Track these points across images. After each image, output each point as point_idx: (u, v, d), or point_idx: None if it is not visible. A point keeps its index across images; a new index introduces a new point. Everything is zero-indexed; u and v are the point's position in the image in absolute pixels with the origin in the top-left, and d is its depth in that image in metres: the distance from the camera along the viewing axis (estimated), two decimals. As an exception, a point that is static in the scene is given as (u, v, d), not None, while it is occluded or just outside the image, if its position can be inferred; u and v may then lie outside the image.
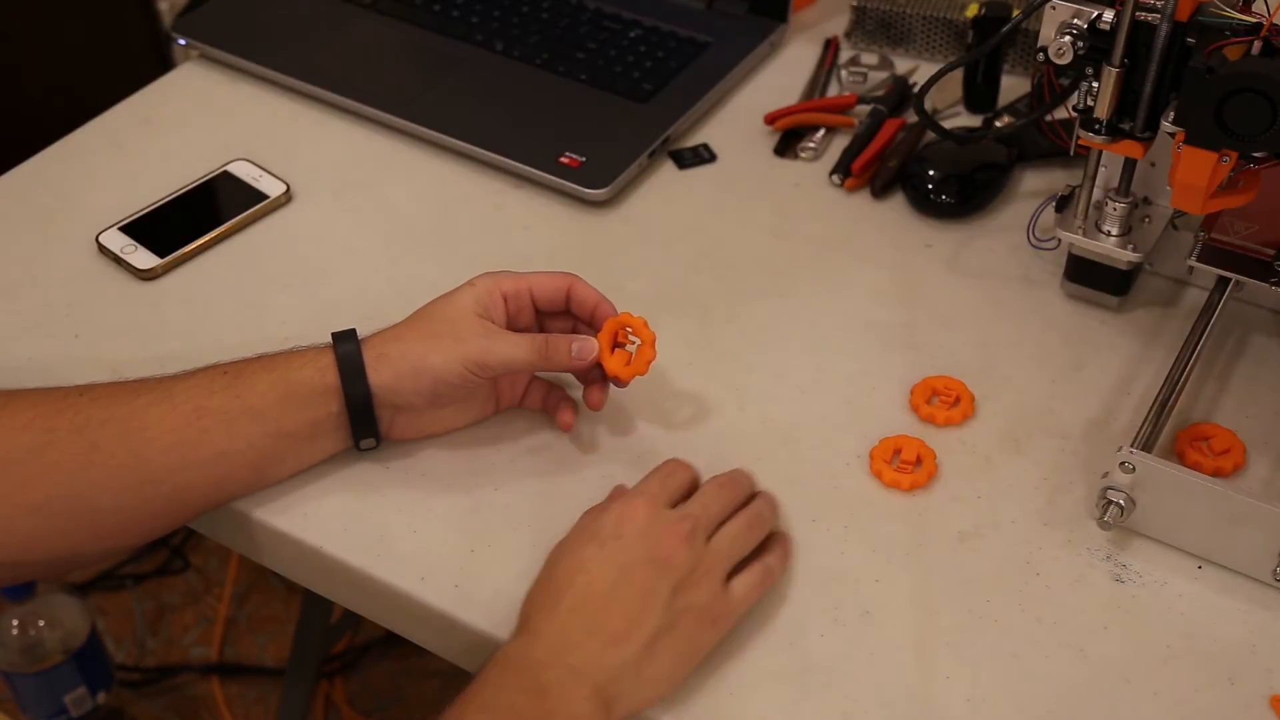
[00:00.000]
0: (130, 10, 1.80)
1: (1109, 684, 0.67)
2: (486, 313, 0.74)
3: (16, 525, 0.67)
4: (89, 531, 0.69)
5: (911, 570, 0.72)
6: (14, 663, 1.39)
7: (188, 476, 0.70)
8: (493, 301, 0.74)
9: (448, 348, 0.72)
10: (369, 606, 0.75)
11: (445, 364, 0.72)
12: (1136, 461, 0.70)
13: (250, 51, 1.07)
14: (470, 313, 0.73)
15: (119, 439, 0.68)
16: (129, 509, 0.69)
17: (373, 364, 0.72)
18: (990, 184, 0.94)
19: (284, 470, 0.74)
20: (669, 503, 0.70)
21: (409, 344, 0.73)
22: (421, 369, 0.72)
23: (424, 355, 0.72)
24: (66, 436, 0.68)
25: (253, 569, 1.64)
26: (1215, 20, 0.70)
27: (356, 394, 0.72)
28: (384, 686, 1.55)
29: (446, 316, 0.73)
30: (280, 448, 0.72)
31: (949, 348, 0.84)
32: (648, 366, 0.75)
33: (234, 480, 0.72)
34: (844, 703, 0.66)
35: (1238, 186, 0.74)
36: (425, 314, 0.74)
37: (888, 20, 1.09)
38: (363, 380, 0.71)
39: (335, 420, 0.73)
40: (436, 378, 0.72)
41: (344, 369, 0.71)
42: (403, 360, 0.72)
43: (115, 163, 0.99)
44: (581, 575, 0.66)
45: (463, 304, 0.74)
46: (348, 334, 0.73)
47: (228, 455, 0.71)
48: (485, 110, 1.01)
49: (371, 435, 0.74)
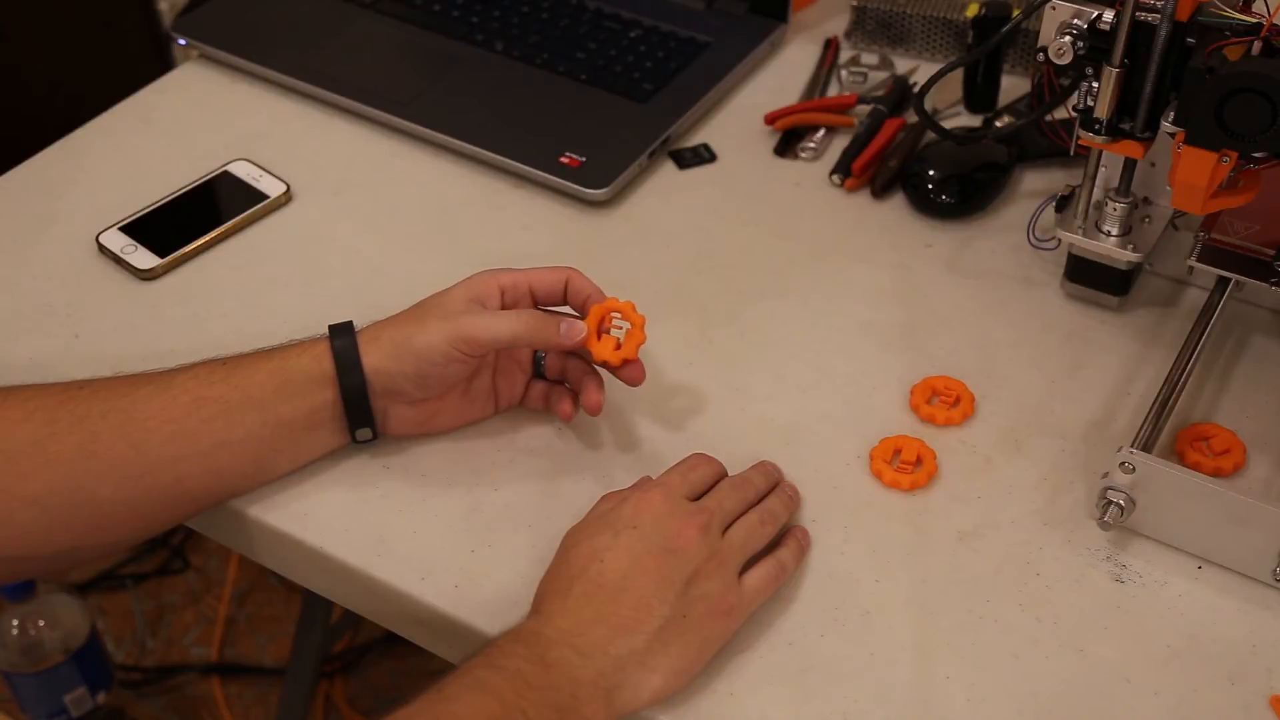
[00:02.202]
0: (130, 10, 1.80)
1: (1109, 684, 0.67)
2: (479, 299, 0.74)
3: (17, 518, 0.68)
4: (89, 524, 0.70)
5: (911, 570, 0.72)
6: (14, 663, 1.39)
7: (187, 467, 0.70)
8: (488, 291, 0.74)
9: (434, 326, 0.72)
10: (369, 606, 0.75)
11: (430, 341, 0.72)
12: (1136, 461, 0.70)
13: (250, 51, 1.07)
14: (462, 297, 0.74)
15: (119, 430, 0.69)
16: (129, 500, 0.70)
17: (364, 347, 0.72)
18: (990, 184, 0.94)
19: (282, 462, 0.74)
20: (688, 495, 0.71)
21: (399, 327, 0.73)
22: (408, 348, 0.72)
23: (411, 335, 0.73)
24: (66, 429, 0.68)
25: (253, 569, 1.64)
26: (1215, 20, 0.70)
27: (351, 380, 0.72)
28: (384, 686, 1.55)
29: (437, 302, 0.74)
30: (278, 437, 0.73)
31: (949, 348, 0.84)
32: (637, 350, 0.74)
33: (233, 471, 0.73)
34: (844, 703, 0.66)
35: (1238, 186, 0.74)
36: (420, 303, 0.75)
37: (888, 20, 1.09)
38: (357, 367, 0.72)
39: (331, 409, 0.73)
40: (421, 356, 0.72)
41: (339, 356, 0.72)
42: (391, 342, 0.73)
43: (115, 163, 0.99)
44: (595, 563, 0.66)
45: (456, 292, 0.74)
46: (345, 326, 0.74)
47: (227, 445, 0.71)
48: (485, 110, 1.01)
49: (367, 425, 0.74)
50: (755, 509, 0.71)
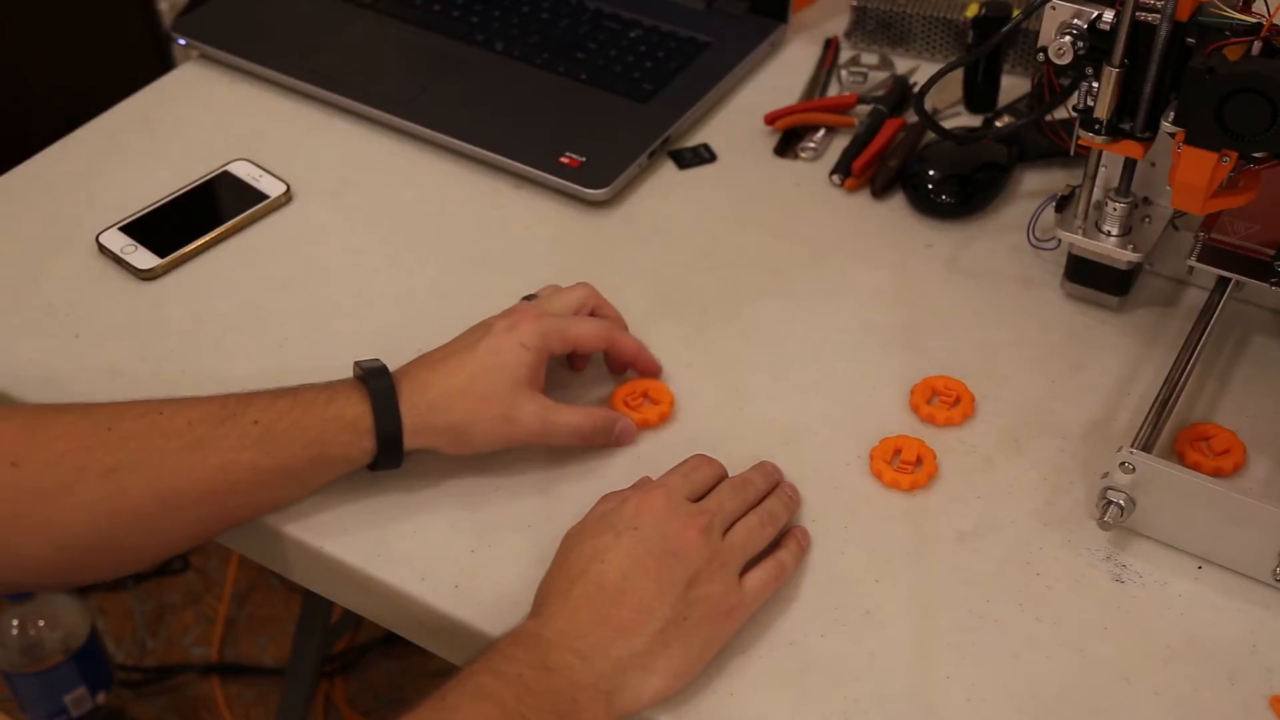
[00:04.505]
0: (130, 10, 1.80)
1: (1109, 684, 0.67)
2: (536, 377, 0.74)
3: (40, 557, 0.68)
4: (109, 564, 0.71)
5: (911, 570, 0.72)
6: (14, 663, 1.38)
7: (211, 523, 0.71)
8: (541, 363, 0.75)
9: (502, 431, 0.73)
10: (369, 606, 0.75)
11: (490, 438, 0.73)
12: (1136, 461, 0.70)
13: (250, 51, 1.07)
14: (523, 382, 0.73)
15: (147, 487, 0.68)
16: (150, 547, 0.71)
17: (414, 429, 0.72)
18: (990, 184, 0.94)
19: (299, 500, 0.75)
20: (689, 497, 0.71)
21: (458, 415, 0.73)
22: (469, 443, 0.73)
23: (472, 432, 0.73)
24: (96, 479, 0.67)
25: (253, 569, 1.64)
26: (1215, 20, 0.70)
27: (391, 456, 0.72)
28: (384, 686, 1.55)
29: (499, 385, 0.73)
30: (307, 494, 0.74)
31: (949, 348, 0.84)
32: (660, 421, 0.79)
33: (252, 515, 0.73)
34: (844, 703, 0.66)
35: (1238, 186, 0.74)
36: (473, 372, 0.73)
37: (888, 20, 1.08)
38: (399, 443, 0.72)
39: (363, 464, 0.73)
40: (480, 446, 0.74)
41: (382, 439, 0.71)
42: (451, 433, 0.73)
43: (115, 163, 0.99)
44: (595, 564, 0.66)
45: (516, 370, 0.73)
46: (381, 377, 0.72)
47: (253, 506, 0.72)
48: (485, 110, 1.01)
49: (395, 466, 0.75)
50: (755, 510, 0.71)
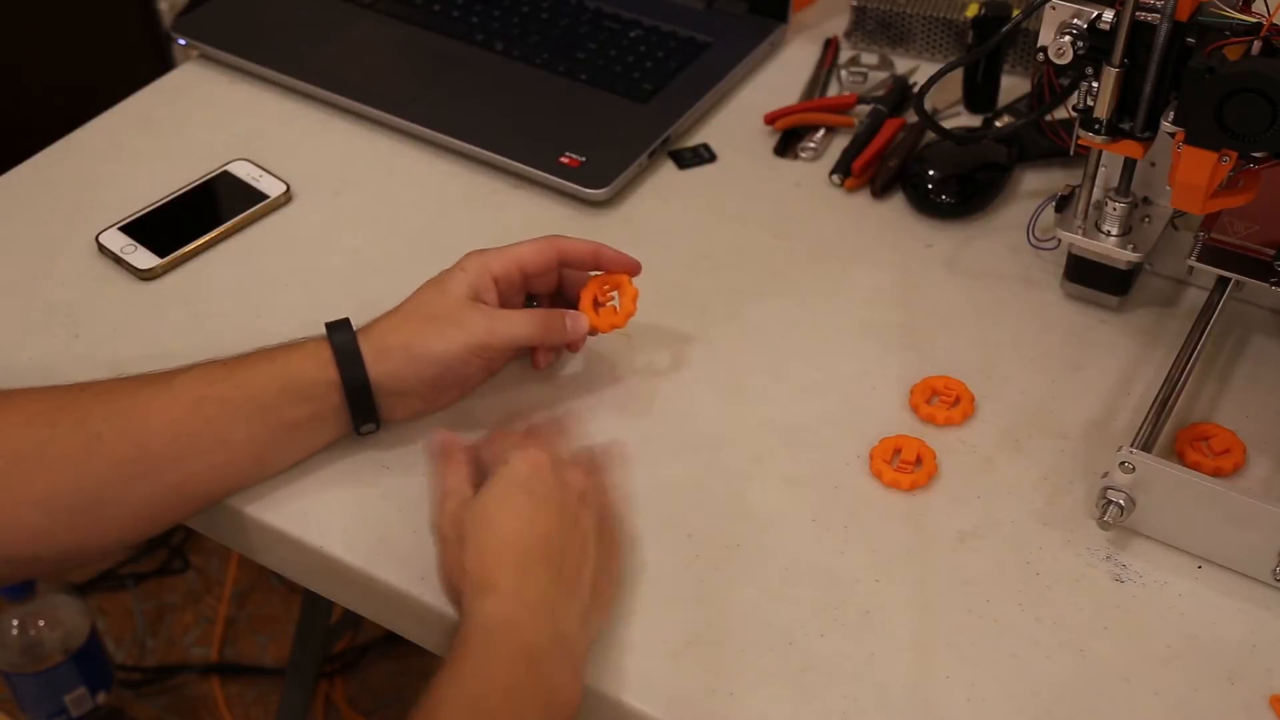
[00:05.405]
0: (130, 10, 1.80)
1: (1109, 684, 0.67)
2: (479, 296, 0.76)
3: (23, 519, 0.68)
4: (93, 525, 0.70)
5: (911, 570, 0.72)
6: (14, 663, 1.39)
7: (190, 467, 0.71)
8: (484, 285, 0.76)
9: (450, 335, 0.74)
10: (369, 606, 0.75)
11: (448, 350, 0.74)
12: (1136, 461, 0.70)
13: (250, 51, 1.07)
14: (464, 298, 0.75)
15: (121, 431, 0.69)
16: (133, 501, 0.70)
17: (374, 357, 0.73)
18: (990, 184, 0.94)
19: (285, 459, 0.75)
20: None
21: (409, 333, 0.74)
22: (425, 358, 0.74)
23: (426, 344, 0.74)
24: (69, 431, 0.69)
25: (253, 569, 1.64)
26: (1215, 20, 0.70)
27: (357, 386, 0.73)
28: (384, 686, 1.55)
29: (442, 303, 0.75)
30: (281, 437, 0.73)
31: (949, 348, 0.84)
32: (627, 320, 0.79)
33: (235, 470, 0.73)
34: (844, 703, 0.66)
35: (1238, 186, 0.74)
36: (420, 301, 0.76)
37: (888, 20, 1.09)
38: (362, 372, 0.73)
39: (336, 411, 0.74)
40: (441, 364, 0.74)
41: (342, 363, 0.72)
42: (405, 351, 0.74)
43: (115, 163, 0.99)
44: (528, 527, 0.66)
45: (456, 290, 0.75)
46: (342, 324, 0.74)
47: (229, 444, 0.72)
48: (485, 110, 1.01)
49: (372, 421, 0.75)
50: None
